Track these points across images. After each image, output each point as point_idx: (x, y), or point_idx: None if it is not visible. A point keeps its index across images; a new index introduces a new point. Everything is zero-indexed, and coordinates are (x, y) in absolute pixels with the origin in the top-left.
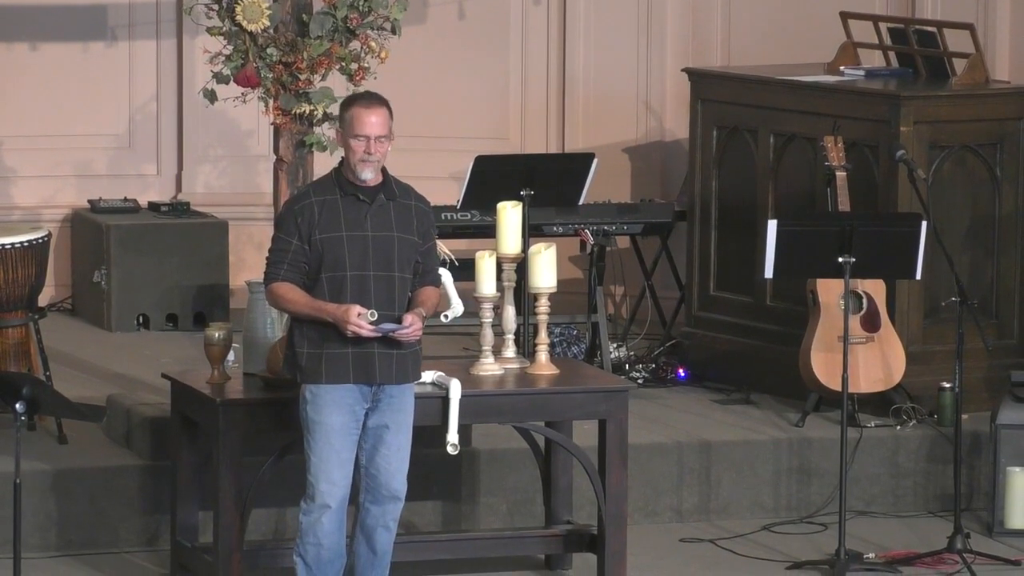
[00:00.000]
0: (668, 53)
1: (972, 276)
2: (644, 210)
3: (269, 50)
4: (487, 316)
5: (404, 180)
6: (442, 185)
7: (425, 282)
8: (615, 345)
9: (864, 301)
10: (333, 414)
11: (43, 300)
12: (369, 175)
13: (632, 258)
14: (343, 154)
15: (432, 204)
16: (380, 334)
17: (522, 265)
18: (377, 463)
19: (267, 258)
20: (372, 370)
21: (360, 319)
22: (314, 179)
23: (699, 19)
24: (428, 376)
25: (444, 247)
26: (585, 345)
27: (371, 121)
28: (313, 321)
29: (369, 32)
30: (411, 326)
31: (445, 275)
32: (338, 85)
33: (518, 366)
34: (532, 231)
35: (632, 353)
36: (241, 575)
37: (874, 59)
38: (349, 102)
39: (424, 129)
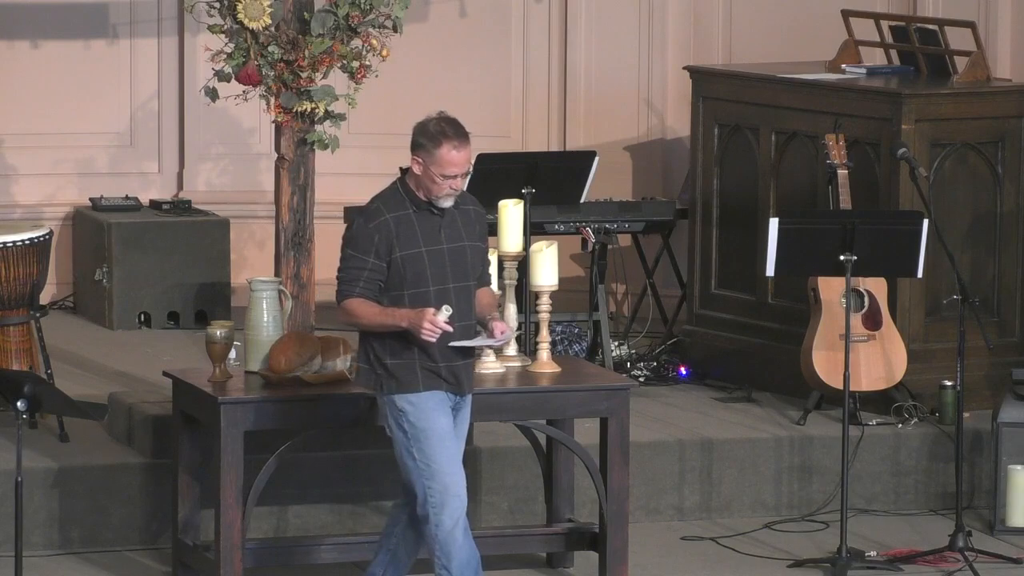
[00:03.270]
0: (669, 51)
1: (973, 274)
2: (645, 208)
3: (271, 48)
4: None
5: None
6: None
7: (481, 284)
8: (616, 343)
9: (865, 299)
10: (440, 417)
11: (45, 298)
12: (448, 204)
13: (633, 256)
14: (414, 172)
15: None
16: (473, 345)
17: (523, 263)
18: None
19: (339, 276)
20: (461, 381)
21: (436, 317)
22: (377, 194)
23: (700, 17)
24: None
25: None
26: (587, 343)
27: (461, 161)
28: (395, 333)
29: (371, 30)
30: (504, 332)
31: None
32: (339, 83)
33: (520, 364)
34: (533, 229)
35: (633, 351)
36: (242, 573)
37: (875, 57)
38: (436, 137)
39: None
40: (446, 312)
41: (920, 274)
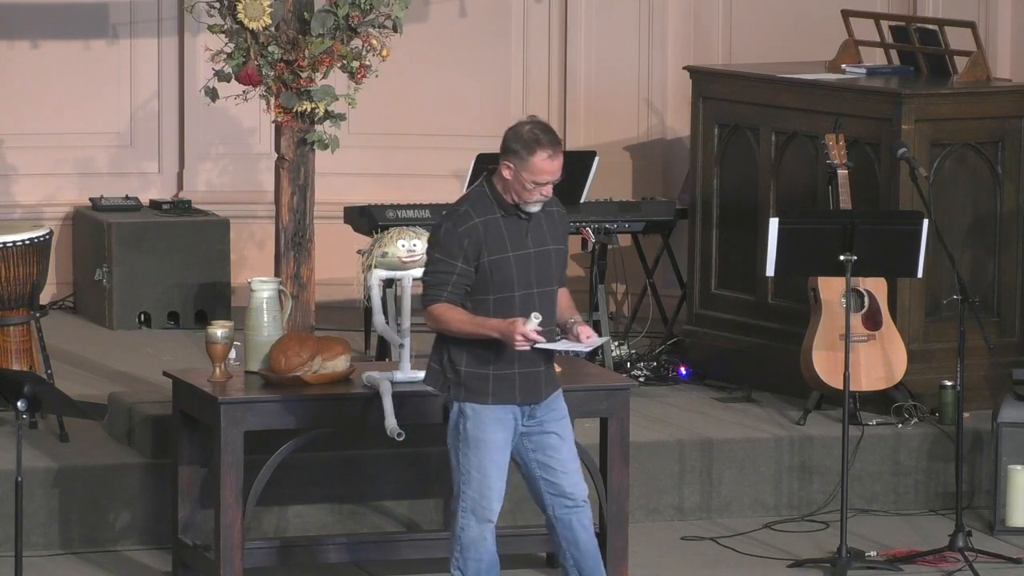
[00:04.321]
0: (669, 51)
1: (973, 274)
2: (645, 208)
3: (271, 48)
4: None
5: (405, 178)
6: (443, 183)
7: (560, 285)
8: (616, 343)
9: (865, 299)
10: (496, 431)
11: (45, 298)
12: (536, 209)
13: (633, 256)
14: (504, 177)
15: (433, 203)
16: (561, 351)
17: None
18: (555, 470)
19: (425, 280)
20: (538, 388)
21: (526, 328)
22: (464, 195)
23: (700, 17)
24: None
25: None
26: None
27: (553, 169)
28: (476, 340)
29: (371, 30)
30: (591, 338)
31: None
32: (339, 83)
33: None
34: None
35: (633, 351)
36: (242, 573)
37: (875, 57)
38: (530, 144)
39: (425, 127)
40: (535, 320)
41: (920, 274)
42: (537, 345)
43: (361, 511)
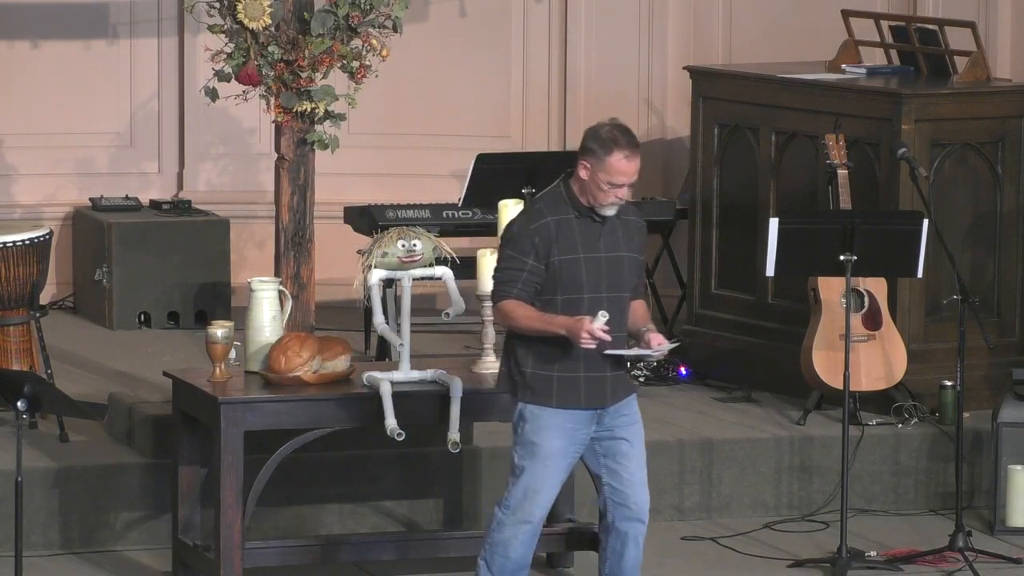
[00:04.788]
0: (669, 51)
1: (973, 274)
2: (645, 208)
3: (270, 48)
4: (488, 314)
5: (405, 178)
6: (443, 183)
7: (636, 296)
8: None
9: (865, 299)
10: (554, 438)
11: (44, 298)
12: (611, 212)
13: None
14: (580, 177)
15: (433, 202)
16: (629, 355)
17: None
18: (623, 478)
19: (495, 276)
20: (604, 393)
21: (593, 325)
22: (540, 195)
23: (700, 17)
24: (430, 374)
25: (445, 245)
26: None
27: (630, 171)
28: (543, 340)
29: (371, 30)
30: (661, 344)
31: (447, 273)
32: (339, 83)
33: None
34: None
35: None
36: (242, 573)
37: (875, 57)
38: (608, 144)
39: (425, 127)
40: (602, 319)
41: (920, 274)
42: (607, 351)
43: (361, 511)
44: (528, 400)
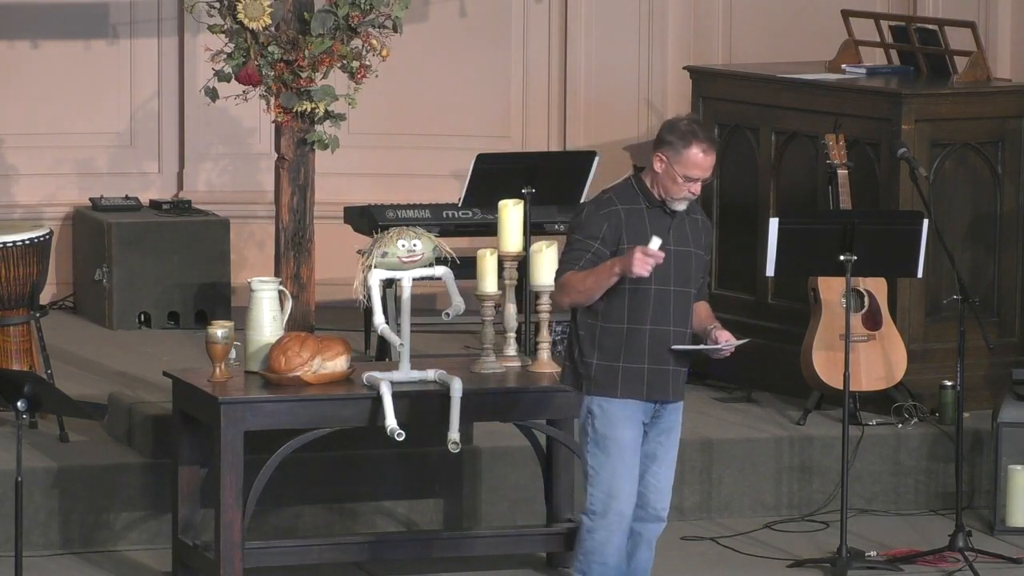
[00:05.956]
0: (669, 51)
1: (973, 274)
2: None
3: (271, 48)
4: (488, 314)
5: (405, 179)
6: (444, 183)
7: (701, 296)
8: None
9: (865, 299)
10: (627, 429)
11: (45, 298)
12: (682, 207)
13: None
14: (654, 169)
15: (433, 202)
16: (694, 350)
17: (523, 263)
18: (648, 481)
19: (561, 259)
20: (666, 387)
21: (647, 248)
22: (610, 186)
23: (700, 17)
24: (430, 374)
25: (445, 245)
26: None
27: (706, 165)
28: (608, 332)
29: (371, 30)
30: (728, 340)
31: (447, 273)
32: (339, 83)
33: (519, 364)
34: (533, 229)
35: None
36: (242, 573)
37: (875, 57)
38: (687, 136)
39: (426, 127)
40: (656, 241)
41: (920, 274)
42: (674, 346)
43: (361, 511)
44: (593, 392)
